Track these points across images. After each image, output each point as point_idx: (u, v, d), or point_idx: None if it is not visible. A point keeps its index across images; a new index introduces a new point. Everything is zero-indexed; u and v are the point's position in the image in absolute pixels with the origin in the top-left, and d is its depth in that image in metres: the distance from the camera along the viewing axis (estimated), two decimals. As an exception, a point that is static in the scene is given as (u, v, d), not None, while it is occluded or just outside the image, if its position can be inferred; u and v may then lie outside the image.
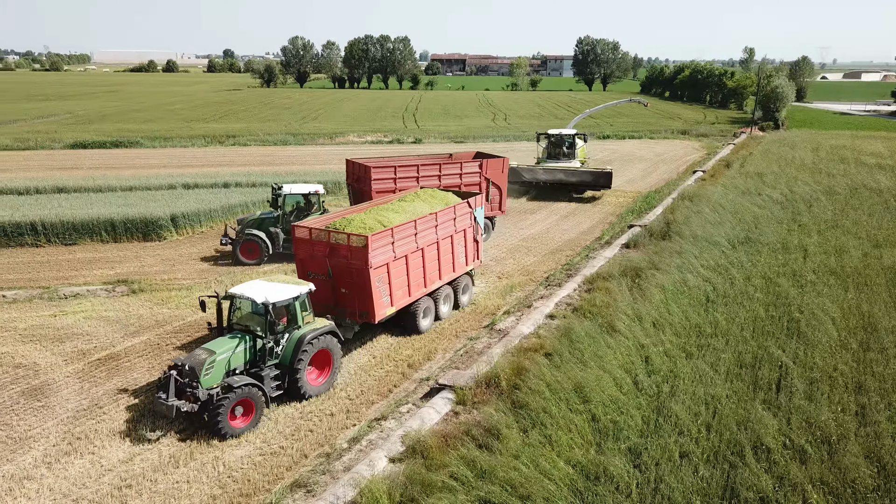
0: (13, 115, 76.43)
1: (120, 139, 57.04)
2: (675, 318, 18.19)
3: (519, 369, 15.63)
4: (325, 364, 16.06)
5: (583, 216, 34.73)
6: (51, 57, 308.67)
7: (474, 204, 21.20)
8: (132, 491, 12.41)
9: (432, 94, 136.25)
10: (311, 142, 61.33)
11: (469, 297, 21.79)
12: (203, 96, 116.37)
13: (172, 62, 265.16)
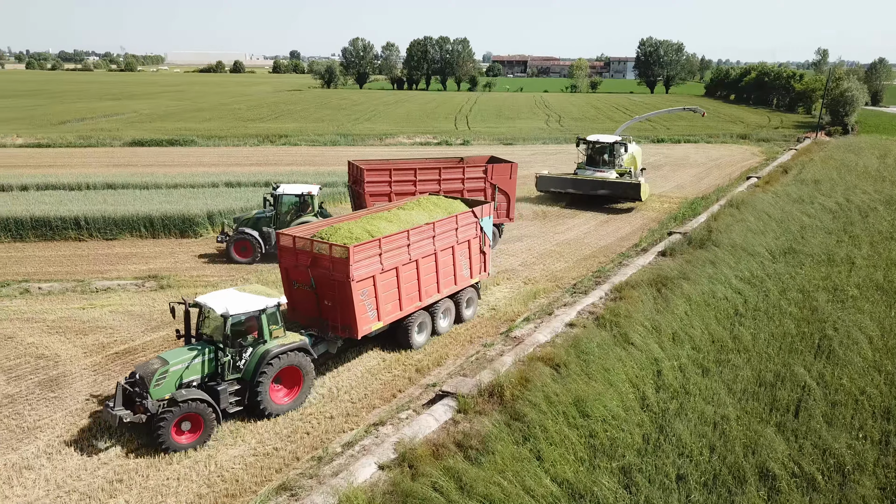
0: (83, 114, 79.78)
1: (176, 137, 58.73)
2: (695, 332, 17.38)
3: (524, 379, 15.19)
4: (296, 382, 15.25)
5: (622, 222, 33.80)
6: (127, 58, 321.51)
7: (480, 213, 20.07)
8: (123, 486, 12.56)
9: (488, 95, 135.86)
10: (361, 143, 61.78)
11: (474, 310, 20.70)
12: (262, 97, 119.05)
13: (239, 63, 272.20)
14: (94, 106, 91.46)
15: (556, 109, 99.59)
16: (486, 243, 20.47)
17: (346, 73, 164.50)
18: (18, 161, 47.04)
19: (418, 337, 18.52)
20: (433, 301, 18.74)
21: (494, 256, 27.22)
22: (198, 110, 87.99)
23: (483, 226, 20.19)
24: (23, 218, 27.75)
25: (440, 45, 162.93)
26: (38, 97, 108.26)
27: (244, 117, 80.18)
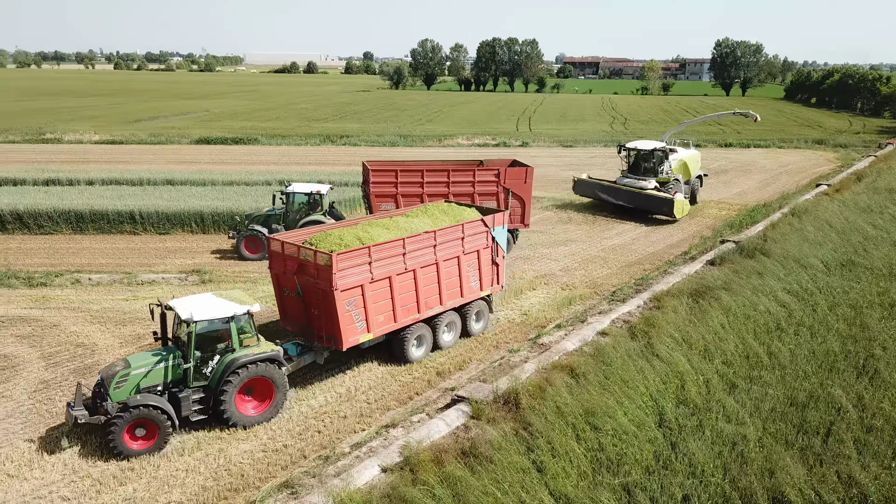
0: (157, 113, 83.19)
1: (241, 136, 60.49)
2: (728, 346, 16.58)
3: (540, 388, 14.82)
4: (267, 394, 14.72)
5: (674, 228, 32.73)
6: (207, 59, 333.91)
7: (492, 222, 18.93)
8: (134, 474, 12.89)
9: (555, 97, 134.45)
10: (420, 143, 62.08)
11: (484, 324, 19.63)
12: (330, 97, 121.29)
13: (313, 64, 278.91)
14: (168, 105, 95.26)
15: (622, 112, 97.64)
16: (498, 254, 19.38)
17: (414, 74, 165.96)
18: (91, 157, 49.37)
19: (415, 351, 17.65)
20: (435, 314, 17.89)
21: (534, 260, 26.85)
22: (266, 109, 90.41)
23: (495, 236, 19.11)
24: (83, 211, 29.06)
25: (509, 47, 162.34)
26: (120, 96, 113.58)
27: (309, 117, 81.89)
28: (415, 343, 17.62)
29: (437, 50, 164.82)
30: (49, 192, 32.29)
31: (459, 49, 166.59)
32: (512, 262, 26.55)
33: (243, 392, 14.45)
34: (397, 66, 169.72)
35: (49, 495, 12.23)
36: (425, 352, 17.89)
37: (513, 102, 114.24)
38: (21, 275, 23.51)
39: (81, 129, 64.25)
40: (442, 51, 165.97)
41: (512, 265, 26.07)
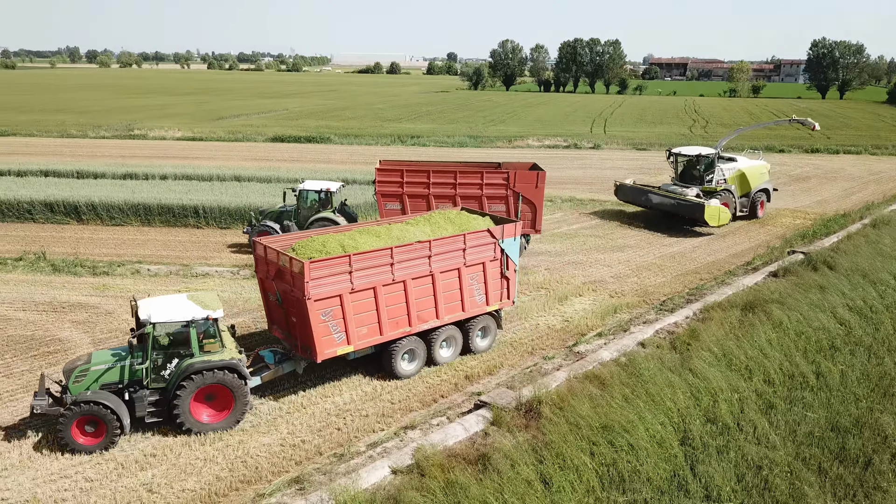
0: (239, 111, 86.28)
1: (314, 135, 61.91)
2: (772, 363, 15.65)
3: (563, 398, 14.42)
4: (227, 402, 14.27)
5: (742, 236, 31.26)
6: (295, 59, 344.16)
7: (500, 233, 17.59)
8: (155, 460, 13.31)
9: (636, 99, 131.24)
10: (489, 144, 61.87)
11: (490, 341, 18.45)
12: (408, 97, 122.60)
13: (396, 64, 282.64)
14: (251, 103, 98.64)
15: (705, 114, 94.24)
16: (509, 267, 18.04)
17: (493, 75, 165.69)
18: (171, 152, 51.68)
19: (406, 365, 16.77)
20: (430, 328, 16.90)
21: (586, 266, 26.21)
22: (342, 109, 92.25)
23: (505, 247, 17.78)
24: (151, 204, 30.39)
25: (590, 47, 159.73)
26: (207, 94, 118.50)
27: (384, 117, 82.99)
28: (405, 357, 16.73)
29: (517, 51, 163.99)
30: (123, 186, 34.00)
31: (540, 50, 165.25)
32: (562, 266, 26.04)
33: (204, 398, 14.16)
34: (477, 67, 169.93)
35: (75, 475, 12.78)
36: (418, 367, 16.95)
37: (590, 104, 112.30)
38: (87, 263, 24.81)
39: (166, 125, 67.38)
40: (522, 51, 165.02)
41: (561, 270, 25.56)
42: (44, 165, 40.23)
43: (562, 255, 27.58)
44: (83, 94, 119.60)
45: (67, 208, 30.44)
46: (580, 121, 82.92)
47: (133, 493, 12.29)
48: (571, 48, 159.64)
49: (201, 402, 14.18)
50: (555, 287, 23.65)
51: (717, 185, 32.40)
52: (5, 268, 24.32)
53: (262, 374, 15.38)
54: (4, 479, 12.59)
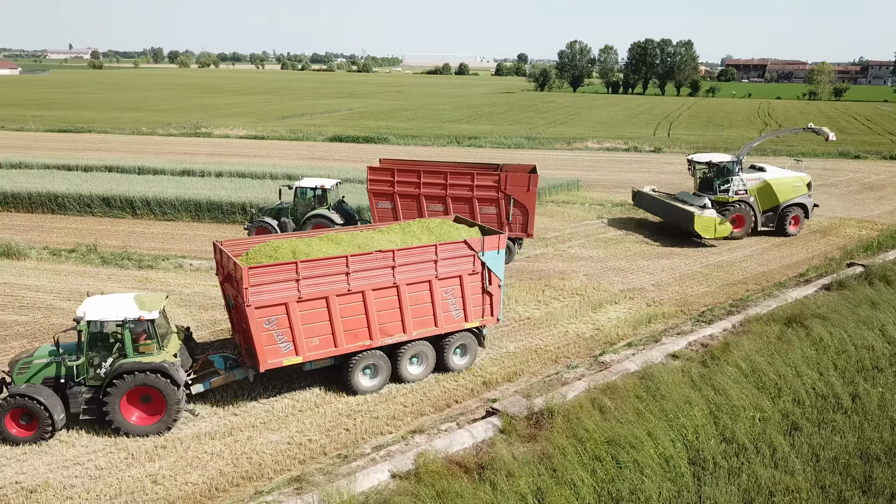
0: (304, 110, 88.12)
1: (372, 135, 62.53)
2: (804, 382, 14.77)
3: (578, 408, 13.98)
4: (160, 405, 13.99)
5: (798, 247, 29.74)
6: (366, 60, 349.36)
7: (480, 246, 16.35)
8: (165, 452, 13.60)
9: (706, 101, 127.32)
10: (547, 146, 61.13)
11: (469, 360, 17.25)
12: (472, 98, 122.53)
13: (464, 65, 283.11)
14: (317, 103, 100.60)
15: (778, 118, 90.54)
16: (491, 282, 16.75)
17: (560, 76, 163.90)
18: (232, 150, 53.18)
19: (366, 381, 15.94)
20: (396, 342, 16.02)
21: (627, 273, 25.47)
22: (405, 110, 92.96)
23: (486, 261, 16.50)
24: (201, 201, 31.30)
25: (661, 48, 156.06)
26: (276, 94, 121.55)
27: (444, 118, 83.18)
28: (365, 372, 15.94)
29: (585, 51, 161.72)
30: (179, 182, 35.12)
31: (609, 51, 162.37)
32: (601, 272, 25.39)
33: (140, 399, 14.03)
34: (543, 68, 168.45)
35: (87, 462, 13.19)
36: (381, 383, 16.06)
37: (658, 106, 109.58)
38: (134, 256, 25.70)
39: (232, 124, 69.39)
40: (591, 52, 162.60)
41: (600, 276, 24.92)
42: (109, 161, 42.10)
43: (603, 261, 26.89)
44: (158, 93, 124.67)
45: (123, 203, 31.67)
46: (644, 124, 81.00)
47: (138, 484, 12.57)
48: (642, 49, 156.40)
49: (136, 403, 14.08)
50: (590, 293, 23.05)
51: (731, 196, 30.00)
52: (58, 258, 25.45)
53: (211, 379, 15.10)
54: (22, 464, 13.10)
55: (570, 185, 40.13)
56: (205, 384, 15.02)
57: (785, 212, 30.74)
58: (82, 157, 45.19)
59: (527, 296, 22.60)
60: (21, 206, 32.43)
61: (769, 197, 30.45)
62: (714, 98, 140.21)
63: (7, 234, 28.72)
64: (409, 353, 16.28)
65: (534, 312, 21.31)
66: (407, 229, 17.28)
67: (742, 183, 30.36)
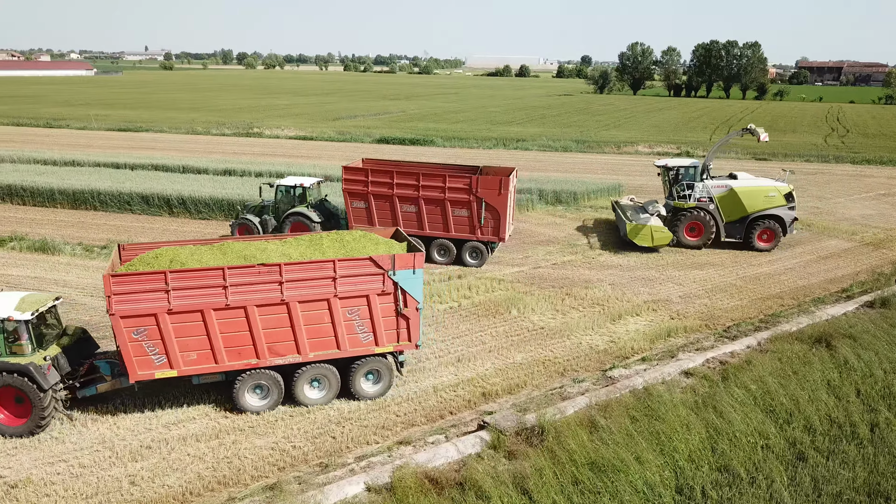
0: (357, 112, 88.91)
1: (418, 137, 62.47)
2: (819, 408, 13.73)
3: (568, 427, 13.35)
4: (27, 407, 13.78)
5: (847, 259, 28.02)
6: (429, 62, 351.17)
7: (389, 264, 14.81)
8: (150, 452, 13.63)
9: (772, 105, 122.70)
10: (597, 149, 59.83)
11: (383, 388, 15.81)
12: (529, 100, 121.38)
13: (525, 67, 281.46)
14: (371, 105, 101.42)
15: (847, 123, 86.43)
16: (407, 304, 15.19)
17: (620, 78, 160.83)
18: (279, 151, 53.95)
19: (254, 401, 15.05)
20: (290, 363, 14.99)
21: (656, 283, 24.49)
22: (457, 112, 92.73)
23: (399, 281, 14.97)
24: (233, 200, 31.66)
25: (727, 50, 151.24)
26: (333, 95, 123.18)
27: (495, 120, 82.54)
28: (254, 392, 15.06)
29: (647, 53, 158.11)
30: (216, 181, 35.70)
31: (671, 52, 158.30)
32: (628, 282, 24.48)
33: (13, 399, 13.93)
34: (604, 70, 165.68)
35: (72, 460, 13.33)
36: (272, 403, 15.12)
37: (719, 110, 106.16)
38: (162, 254, 26.14)
39: (284, 124, 70.53)
40: (652, 54, 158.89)
41: (626, 285, 24.02)
42: (156, 160, 43.23)
43: (632, 270, 25.95)
44: (219, 93, 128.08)
45: (160, 201, 32.38)
46: (701, 128, 78.49)
47: (116, 484, 12.61)
48: (706, 51, 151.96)
49: (10, 403, 13.98)
50: (612, 304, 22.22)
51: (689, 203, 28.57)
52: (90, 255, 26.13)
53: (98, 384, 14.81)
54: (10, 458, 13.34)
55: (610, 190, 39.06)
56: (90, 389, 14.76)
57: (754, 223, 28.52)
58: (133, 155, 46.60)
59: (544, 304, 21.94)
60: (66, 202, 33.54)
61: (735, 206, 28.46)
62: (781, 102, 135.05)
63: (48, 229, 29.77)
64: (308, 375, 15.20)
65: (549, 322, 20.65)
66: (315, 242, 16.28)
67: (705, 190, 28.77)
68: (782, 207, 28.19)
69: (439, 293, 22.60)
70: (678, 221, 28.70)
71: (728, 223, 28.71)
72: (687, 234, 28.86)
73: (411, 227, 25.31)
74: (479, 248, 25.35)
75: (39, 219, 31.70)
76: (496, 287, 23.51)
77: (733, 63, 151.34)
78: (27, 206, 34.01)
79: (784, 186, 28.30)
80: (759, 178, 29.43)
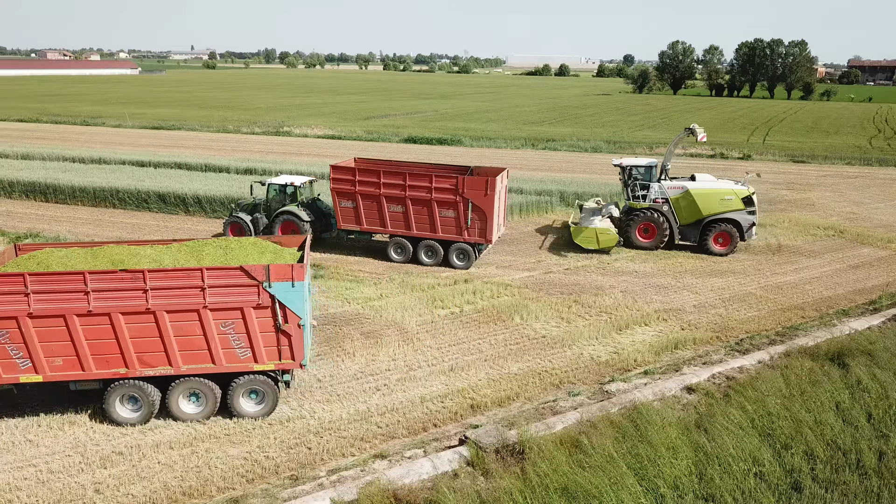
0: (389, 111, 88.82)
1: (446, 136, 61.94)
2: (822, 433, 12.75)
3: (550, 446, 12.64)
4: None
5: (880, 269, 26.53)
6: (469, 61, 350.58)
7: (264, 275, 13.79)
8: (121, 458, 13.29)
9: (818, 105, 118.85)
10: (628, 150, 58.39)
11: (267, 408, 14.85)
12: (563, 100, 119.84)
13: (565, 66, 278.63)
14: (405, 104, 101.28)
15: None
16: (288, 320, 14.17)
17: (660, 77, 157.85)
18: (306, 150, 54.02)
19: (124, 412, 14.42)
20: (161, 374, 14.34)
21: (671, 291, 23.52)
22: (489, 111, 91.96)
23: (276, 294, 13.90)
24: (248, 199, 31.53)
25: (772, 49, 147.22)
26: (368, 94, 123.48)
27: (528, 120, 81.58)
28: (124, 403, 14.41)
29: (688, 52, 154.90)
30: (234, 181, 35.70)
31: (714, 51, 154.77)
32: (641, 289, 23.55)
33: None
34: (643, 69, 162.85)
35: (41, 465, 13.09)
36: (144, 415, 14.44)
37: (761, 110, 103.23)
38: (170, 253, 26.10)
39: (314, 123, 70.72)
40: (694, 53, 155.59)
41: (638, 293, 23.10)
42: (180, 158, 43.56)
43: (647, 277, 24.97)
44: (255, 92, 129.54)
45: (176, 200, 32.47)
46: (739, 128, 76.28)
47: (80, 492, 12.33)
48: (750, 49, 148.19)
49: None
50: (621, 312, 21.34)
51: (642, 203, 28.01)
52: (100, 253, 26.20)
53: None
54: (-20, 461, 13.19)
55: (635, 193, 37.88)
56: None
57: (710, 227, 27.64)
58: (158, 153, 47.07)
59: (549, 312, 21.18)
60: (86, 199, 33.90)
61: (691, 208, 27.69)
62: (828, 102, 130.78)
63: (65, 226, 30.07)
64: (183, 388, 14.53)
65: (552, 330, 19.89)
66: (196, 249, 15.52)
67: (661, 191, 27.97)
68: (740, 211, 27.32)
69: (441, 298, 22.01)
70: (631, 222, 28.17)
71: (684, 226, 28.08)
72: (640, 235, 28.28)
73: (399, 228, 25.28)
74: (466, 249, 24.97)
75: (59, 216, 32.08)
76: (502, 292, 22.82)
77: (778, 62, 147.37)
78: (49, 202, 34.50)
79: (743, 190, 27.48)
80: (718, 181, 28.58)
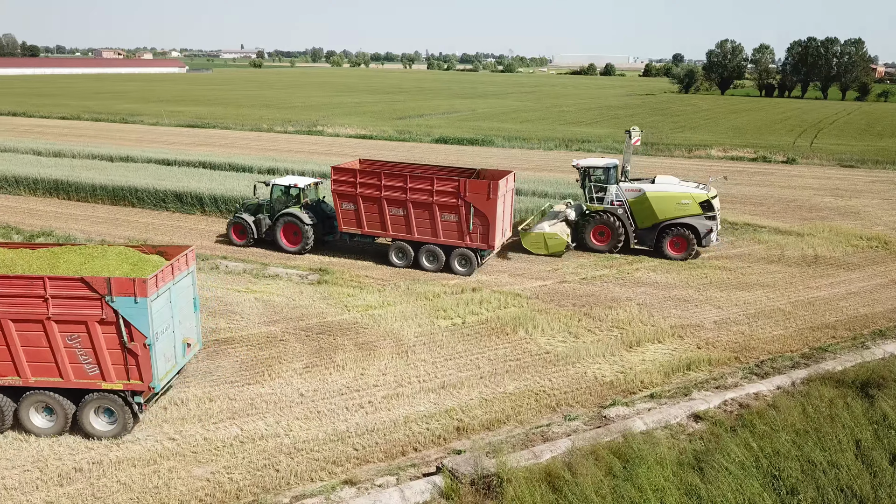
0: (425, 111, 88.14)
1: (477, 137, 60.89)
2: (836, 477, 11.36)
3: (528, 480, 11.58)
4: None
5: (925, 285, 24.61)
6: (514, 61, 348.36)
7: (106, 287, 12.90)
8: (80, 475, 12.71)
9: (874, 107, 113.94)
10: (664, 152, 56.55)
11: (118, 429, 13.90)
12: (604, 100, 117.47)
13: (611, 66, 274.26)
14: (442, 103, 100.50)
15: (956, 127, 78.86)
16: (133, 338, 13.20)
17: (707, 77, 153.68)
18: (335, 149, 53.60)
19: None
20: (10, 385, 13.74)
21: (691, 304, 22.13)
22: (527, 111, 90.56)
23: (120, 309, 12.98)
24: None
25: (826, 48, 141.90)
26: (407, 93, 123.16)
27: (566, 120, 79.95)
28: None
29: (737, 51, 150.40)
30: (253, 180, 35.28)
31: (764, 50, 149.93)
32: (659, 302, 22.19)
33: None
34: (690, 69, 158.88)
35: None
36: None
37: (810, 111, 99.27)
38: (177, 255, 25.71)
39: (347, 123, 70.44)
40: (743, 52, 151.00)
41: (656, 306, 21.75)
42: (205, 157, 43.53)
43: (667, 289, 23.56)
44: (294, 90, 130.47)
45: (193, 199, 32.21)
46: (786, 131, 73.29)
47: (32, 511, 11.76)
48: (803, 49, 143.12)
49: None
50: (634, 327, 20.04)
51: (598, 206, 27.20)
52: (108, 253, 25.97)
53: None
54: (-63, 474, 12.74)
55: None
56: None
57: (665, 231, 26.64)
58: (187, 152, 47.16)
59: (557, 325, 20.01)
60: (106, 198, 33.93)
61: (647, 212, 26.74)
62: (885, 103, 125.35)
63: (82, 224, 30.07)
64: (33, 401, 13.91)
65: (557, 346, 18.73)
66: (55, 255, 14.65)
67: (619, 193, 26.96)
68: (697, 216, 26.29)
69: (445, 307, 21.03)
70: (586, 224, 27.35)
71: (641, 229, 27.01)
72: (594, 238, 27.49)
73: (400, 231, 24.58)
74: (468, 255, 24.10)
75: (77, 214, 32.13)
76: (510, 303, 21.72)
77: (833, 62, 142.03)
78: (70, 200, 34.63)
79: (700, 194, 26.20)
80: (678, 185, 27.21)
